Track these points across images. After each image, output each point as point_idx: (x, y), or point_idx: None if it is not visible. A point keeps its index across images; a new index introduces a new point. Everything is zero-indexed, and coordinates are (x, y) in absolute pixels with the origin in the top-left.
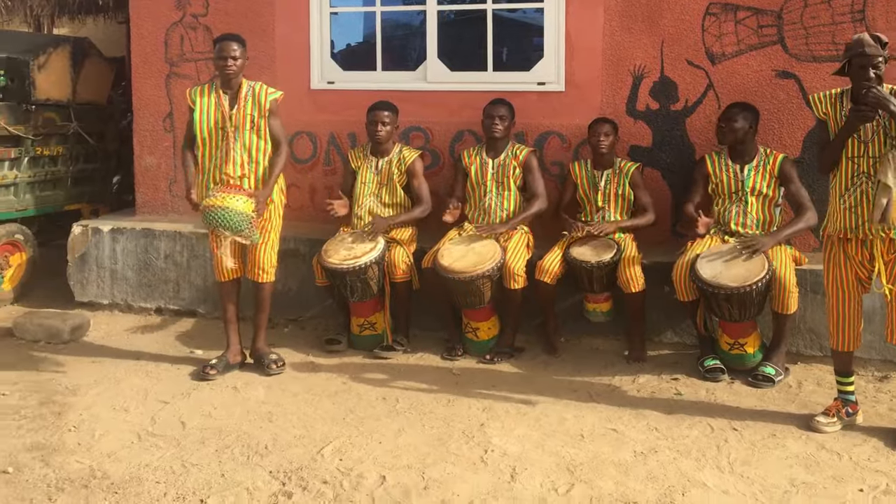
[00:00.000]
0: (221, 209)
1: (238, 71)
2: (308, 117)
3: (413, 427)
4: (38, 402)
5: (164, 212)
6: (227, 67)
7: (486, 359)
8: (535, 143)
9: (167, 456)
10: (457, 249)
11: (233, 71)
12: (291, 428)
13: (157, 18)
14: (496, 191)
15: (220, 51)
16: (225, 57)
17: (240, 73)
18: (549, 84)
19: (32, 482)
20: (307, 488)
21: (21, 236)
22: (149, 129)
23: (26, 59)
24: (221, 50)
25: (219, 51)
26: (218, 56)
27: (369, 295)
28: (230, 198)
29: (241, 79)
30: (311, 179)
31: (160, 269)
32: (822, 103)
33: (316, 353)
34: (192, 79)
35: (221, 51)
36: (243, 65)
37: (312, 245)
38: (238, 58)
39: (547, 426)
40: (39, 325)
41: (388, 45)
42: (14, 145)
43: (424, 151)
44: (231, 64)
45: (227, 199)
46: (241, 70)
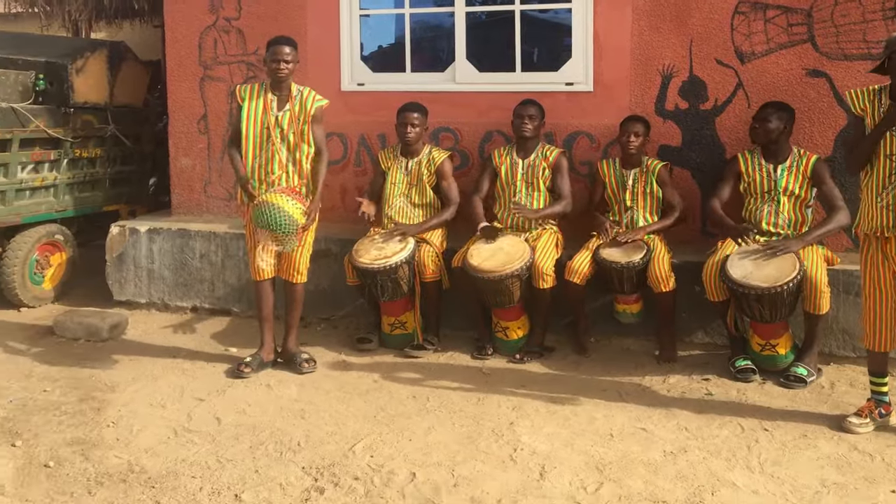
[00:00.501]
0: (277, 208)
1: (289, 73)
2: (339, 119)
3: (443, 425)
4: (78, 399)
5: (199, 212)
6: (279, 70)
7: (516, 358)
8: (564, 144)
9: (203, 451)
10: (486, 249)
11: (284, 74)
12: (323, 425)
13: (190, 22)
14: (526, 191)
15: (273, 53)
16: (278, 60)
17: (291, 75)
18: (577, 84)
19: (73, 476)
20: (339, 484)
21: (61, 236)
22: (184, 131)
23: (64, 63)
24: (274, 53)
25: (272, 53)
26: (271, 59)
27: (400, 294)
28: (290, 201)
29: (290, 82)
30: (341, 180)
31: (195, 269)
32: (859, 99)
33: (348, 351)
34: (226, 81)
35: (274, 53)
36: (294, 68)
37: (344, 245)
38: (290, 61)
39: (576, 425)
40: (79, 324)
41: (417, 47)
42: (53, 147)
43: (454, 152)
44: (283, 67)
45: (285, 200)
46: (292, 73)
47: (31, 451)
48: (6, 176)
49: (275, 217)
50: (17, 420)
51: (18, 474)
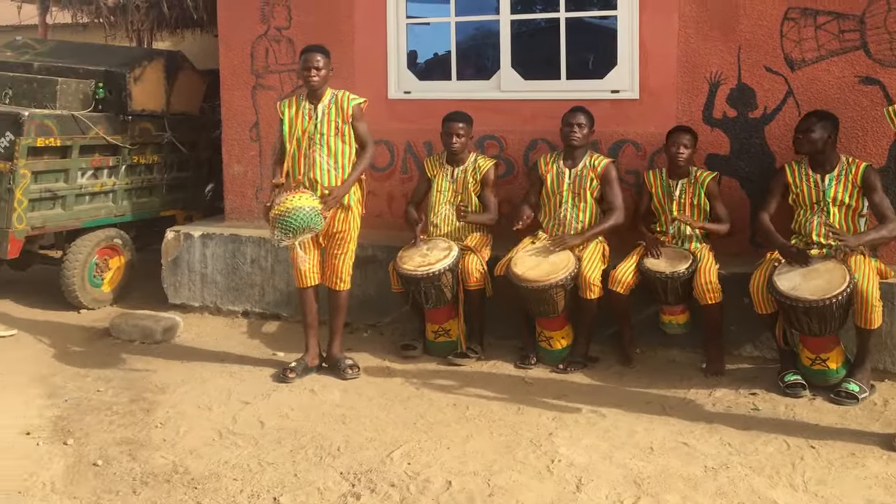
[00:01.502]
0: (290, 212)
1: (322, 81)
2: (385, 126)
3: (481, 434)
4: (129, 399)
5: (251, 218)
6: (311, 77)
7: (559, 368)
8: (610, 152)
9: (245, 454)
10: (530, 258)
11: (316, 81)
12: (363, 431)
13: (243, 32)
14: (572, 201)
15: (305, 61)
16: (309, 67)
17: (324, 82)
18: (622, 92)
19: (119, 475)
20: (375, 490)
21: (119, 241)
22: (236, 138)
23: (123, 73)
24: (306, 61)
25: (304, 61)
26: (303, 66)
27: (443, 302)
28: (291, 199)
29: (325, 88)
30: (388, 187)
31: (246, 274)
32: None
33: (392, 358)
34: (277, 90)
35: (306, 61)
36: (327, 75)
37: (390, 252)
38: (321, 68)
39: (616, 438)
40: (134, 326)
41: (463, 55)
42: (112, 154)
43: (499, 160)
44: (315, 74)
45: (288, 201)
46: (325, 80)
47: (81, 449)
48: (67, 181)
49: (296, 219)
50: (70, 419)
51: (68, 472)
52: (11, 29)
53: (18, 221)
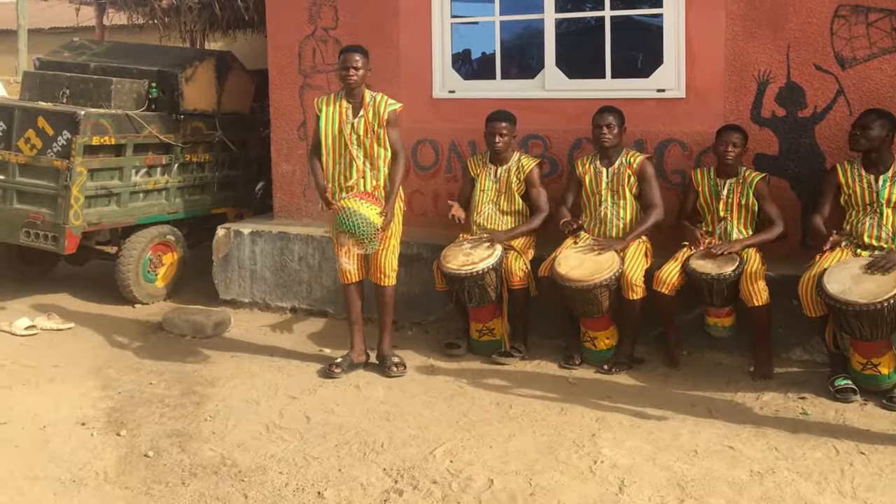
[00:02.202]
0: (353, 212)
1: (360, 81)
2: (430, 125)
3: (524, 433)
4: (180, 392)
5: (299, 216)
6: (348, 77)
7: (604, 369)
8: (655, 151)
9: (291, 448)
10: (574, 258)
11: (354, 80)
12: (407, 428)
13: (291, 32)
14: (611, 200)
15: (343, 61)
16: (347, 67)
17: (362, 82)
18: (668, 91)
19: (169, 466)
20: (417, 487)
21: (172, 237)
22: (285, 137)
23: (175, 73)
24: (344, 60)
25: (342, 61)
26: (341, 66)
27: (487, 301)
28: (365, 204)
29: (363, 89)
30: (433, 186)
31: (294, 271)
32: None
33: (436, 356)
34: (323, 89)
35: (344, 61)
36: (365, 75)
37: (435, 250)
38: (359, 68)
39: (660, 440)
40: (186, 321)
41: (507, 54)
42: (165, 152)
43: (543, 159)
44: (353, 74)
45: (362, 204)
46: (362, 80)
47: (133, 440)
48: (121, 179)
49: (353, 221)
50: (123, 411)
51: (120, 462)
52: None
53: (75, 218)
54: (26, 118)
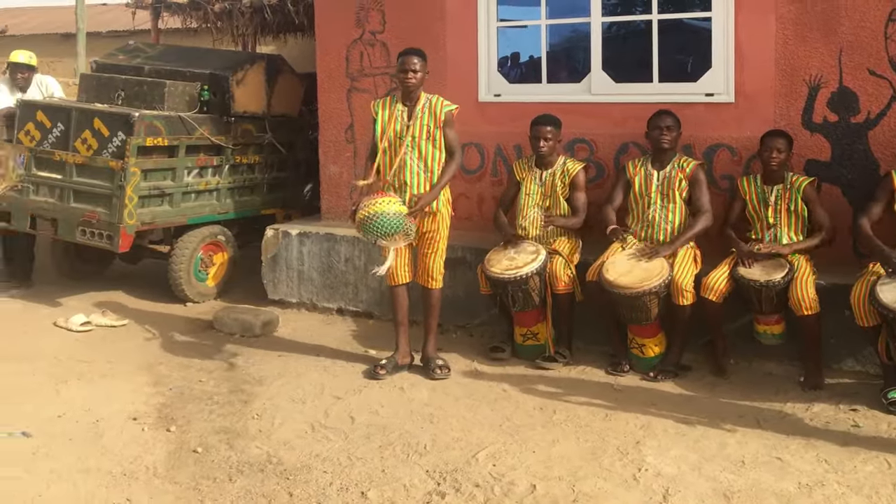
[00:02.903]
0: (376, 216)
1: (418, 84)
2: (475, 129)
3: (568, 439)
4: (228, 390)
5: (346, 218)
6: (407, 80)
7: (650, 376)
8: (704, 156)
9: (335, 448)
10: (622, 263)
11: (413, 84)
12: (450, 430)
13: (339, 36)
14: (661, 203)
15: (403, 64)
16: (406, 70)
17: (419, 85)
18: (717, 95)
19: (217, 463)
20: (460, 490)
21: (223, 237)
22: (332, 139)
23: (226, 76)
24: (403, 63)
25: (401, 64)
26: (400, 69)
27: (531, 305)
28: (378, 202)
29: (420, 91)
30: (479, 189)
31: (341, 272)
32: None
33: (480, 359)
34: (371, 92)
35: (403, 64)
36: (423, 78)
37: (479, 254)
38: (418, 71)
39: (706, 449)
40: (235, 320)
41: (553, 57)
42: (216, 154)
43: (589, 163)
44: (412, 77)
45: (375, 205)
46: (420, 83)
47: (183, 436)
48: (174, 180)
49: (381, 224)
50: (174, 407)
51: (170, 458)
52: (127, 34)
53: (129, 217)
54: (83, 119)
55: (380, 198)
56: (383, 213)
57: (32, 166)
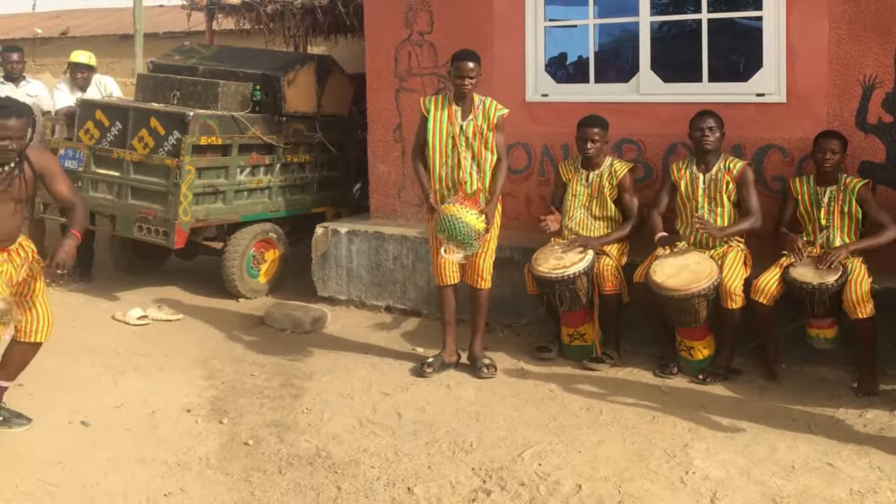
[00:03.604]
0: (456, 219)
1: (473, 88)
2: (523, 129)
3: (614, 440)
4: (279, 384)
5: (394, 217)
6: (463, 86)
7: (699, 379)
8: (755, 157)
9: (383, 443)
10: (670, 265)
11: (468, 88)
12: (496, 429)
13: (387, 36)
14: (708, 206)
15: (458, 69)
16: (462, 76)
17: (474, 89)
18: (768, 95)
19: (268, 455)
20: (505, 488)
21: (274, 235)
22: (381, 139)
23: (278, 76)
24: (459, 69)
25: (456, 69)
26: (456, 74)
27: (578, 305)
28: (466, 210)
29: (473, 93)
30: (526, 189)
31: (389, 270)
32: None
33: (527, 359)
34: (419, 92)
35: (459, 69)
36: (478, 81)
37: (527, 253)
38: (474, 76)
39: (755, 454)
40: (286, 316)
41: (601, 57)
42: (268, 153)
43: (637, 164)
44: (468, 83)
45: (463, 210)
46: (475, 86)
47: (234, 429)
48: (227, 178)
49: (454, 226)
50: (226, 400)
51: (222, 449)
52: (183, 35)
53: (184, 214)
54: (140, 118)
55: (468, 206)
56: (462, 220)
57: (92, 164)
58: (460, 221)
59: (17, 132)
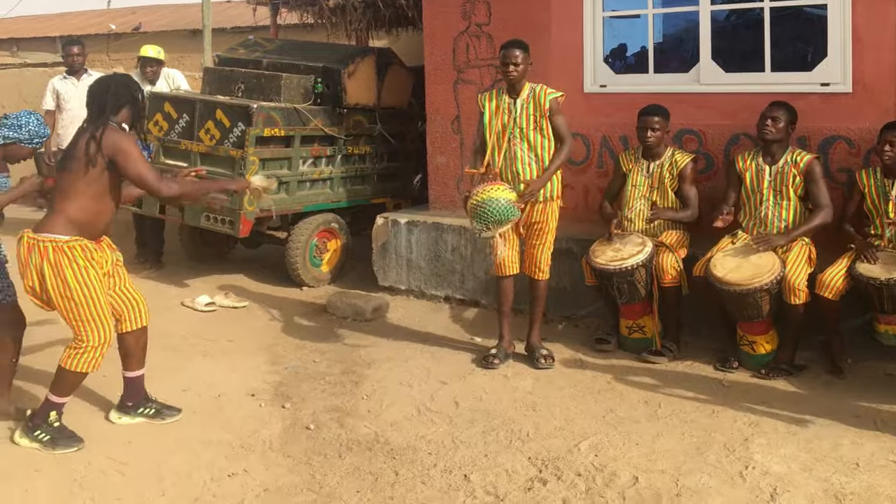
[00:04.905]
0: (486, 203)
1: (520, 76)
2: (581, 120)
3: (672, 433)
4: (340, 371)
5: (453, 208)
6: (509, 73)
7: (761, 374)
8: (819, 149)
9: (440, 431)
10: (731, 260)
11: (515, 76)
12: (553, 419)
13: (446, 28)
14: (773, 199)
15: (504, 57)
16: (508, 63)
17: (522, 77)
18: (833, 85)
19: (328, 440)
20: (561, 478)
21: (336, 224)
22: (439, 131)
23: (338, 69)
24: (505, 56)
25: (503, 57)
26: (502, 62)
27: (637, 298)
28: (489, 189)
29: (524, 82)
30: (584, 181)
31: (448, 261)
32: None
33: (585, 351)
34: (476, 84)
35: (505, 57)
36: (525, 70)
37: (585, 245)
38: (520, 63)
39: (818, 450)
40: (347, 304)
41: (660, 47)
42: (329, 144)
43: (698, 155)
44: (513, 70)
45: (485, 192)
46: (523, 75)
47: (297, 413)
48: (290, 169)
49: (492, 210)
50: (289, 385)
51: (284, 433)
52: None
53: (249, 204)
54: (206, 111)
55: (491, 185)
56: (495, 199)
57: (161, 155)
58: (493, 202)
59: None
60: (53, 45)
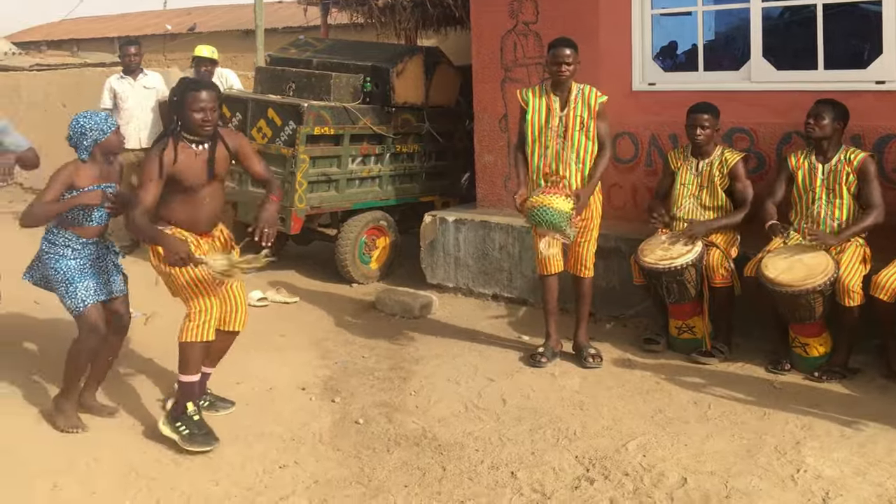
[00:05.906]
0: (543, 207)
1: (570, 75)
2: (629, 119)
3: (722, 435)
4: (388, 367)
5: (500, 206)
6: (560, 72)
7: (815, 376)
8: (875, 147)
9: (487, 428)
10: (783, 260)
11: (565, 75)
12: (600, 418)
13: (494, 27)
14: (826, 198)
15: (554, 56)
16: (559, 62)
17: (572, 77)
18: (889, 83)
19: (377, 434)
20: (609, 477)
21: (385, 222)
22: (487, 129)
23: (387, 68)
24: (555, 56)
25: (552, 56)
26: (552, 61)
27: (687, 297)
28: (551, 197)
29: (571, 82)
30: (632, 179)
31: (496, 259)
32: None
33: (634, 350)
34: (524, 82)
35: (555, 56)
36: (575, 69)
37: (633, 244)
38: (571, 63)
39: (872, 454)
40: (396, 301)
41: (710, 45)
42: (378, 143)
43: (749, 154)
44: (565, 69)
45: (548, 198)
46: (573, 74)
47: (346, 407)
48: (339, 167)
49: (545, 216)
50: (339, 380)
51: (334, 426)
52: (300, 30)
53: (299, 201)
54: (258, 109)
55: (553, 193)
56: (550, 207)
57: None
58: (549, 209)
59: (209, 103)
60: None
